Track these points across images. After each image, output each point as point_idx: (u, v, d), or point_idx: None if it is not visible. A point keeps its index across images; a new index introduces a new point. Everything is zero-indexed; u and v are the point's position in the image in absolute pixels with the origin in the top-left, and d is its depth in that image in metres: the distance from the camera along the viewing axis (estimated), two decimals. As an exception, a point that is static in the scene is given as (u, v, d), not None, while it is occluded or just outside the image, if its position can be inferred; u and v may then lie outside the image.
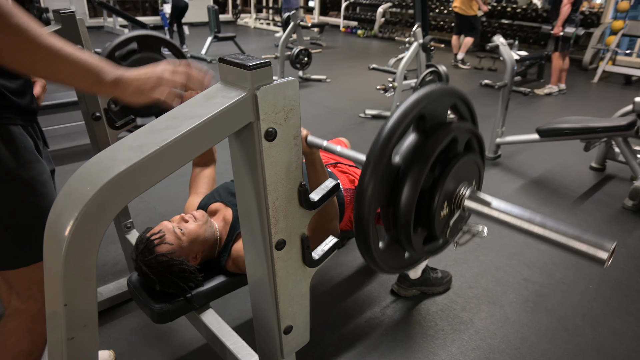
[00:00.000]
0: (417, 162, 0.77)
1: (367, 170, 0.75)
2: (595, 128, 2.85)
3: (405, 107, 0.76)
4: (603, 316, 1.91)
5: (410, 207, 0.77)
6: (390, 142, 0.74)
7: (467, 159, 0.84)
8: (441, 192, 0.80)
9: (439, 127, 0.82)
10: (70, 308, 0.64)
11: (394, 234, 0.84)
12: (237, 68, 0.72)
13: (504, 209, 0.80)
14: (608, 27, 6.90)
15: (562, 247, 0.73)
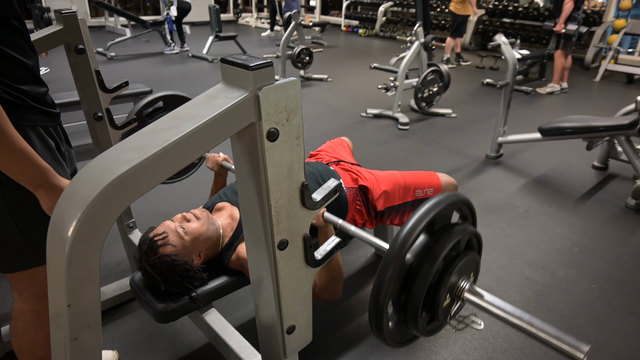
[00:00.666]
0: (427, 262, 0.88)
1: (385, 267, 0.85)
2: (598, 127, 2.84)
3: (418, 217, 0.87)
4: (606, 315, 1.90)
5: (419, 299, 0.88)
6: (405, 246, 0.85)
7: (468, 257, 0.94)
8: (446, 286, 0.90)
9: (446, 228, 0.93)
10: (73, 308, 0.65)
11: (402, 317, 0.94)
12: (239, 68, 0.72)
13: (496, 303, 0.90)
14: (610, 25, 6.88)
15: (546, 344, 0.83)
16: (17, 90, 0.95)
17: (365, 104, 4.93)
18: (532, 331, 0.84)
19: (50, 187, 0.92)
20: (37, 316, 1.18)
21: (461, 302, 0.96)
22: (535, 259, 2.28)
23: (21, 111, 0.95)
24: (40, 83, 1.03)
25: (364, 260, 2.26)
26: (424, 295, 0.88)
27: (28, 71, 0.99)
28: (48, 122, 1.05)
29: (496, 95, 5.34)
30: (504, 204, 2.85)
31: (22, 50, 0.97)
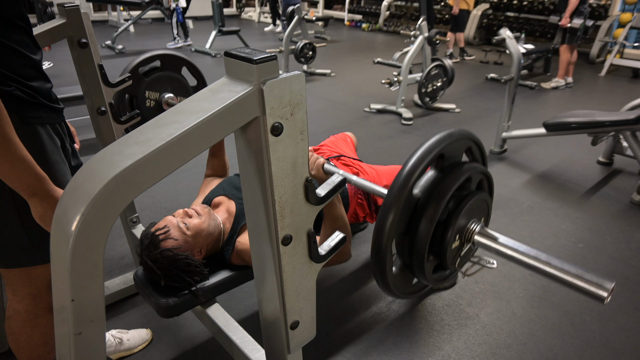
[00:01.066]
0: (436, 197, 0.83)
1: (389, 199, 0.80)
2: (603, 122, 2.82)
3: (428, 145, 0.83)
4: (611, 311, 1.89)
5: (426, 237, 0.83)
6: (412, 177, 0.80)
7: (478, 197, 0.89)
8: (454, 226, 0.85)
9: (456, 166, 0.88)
10: (77, 303, 0.64)
11: (408, 261, 0.89)
12: (243, 62, 0.72)
13: (510, 245, 0.84)
14: (616, 19, 6.82)
15: (565, 284, 0.78)
16: (29, 87, 0.95)
17: (368, 99, 4.91)
18: (551, 271, 0.79)
19: (45, 196, 0.92)
20: (32, 315, 1.18)
21: (471, 246, 0.91)
22: (540, 254, 2.27)
23: (33, 108, 0.96)
24: (46, 79, 1.04)
25: (367, 256, 2.25)
26: (430, 235, 0.83)
27: (35, 68, 0.99)
28: (55, 118, 1.05)
29: (500, 90, 5.31)
30: (508, 200, 2.84)
31: (28, 47, 0.97)
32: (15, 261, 1.09)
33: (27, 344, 1.22)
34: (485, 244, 0.87)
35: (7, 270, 1.12)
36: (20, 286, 1.15)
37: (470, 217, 0.89)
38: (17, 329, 1.20)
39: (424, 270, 0.86)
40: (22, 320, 1.19)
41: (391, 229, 0.79)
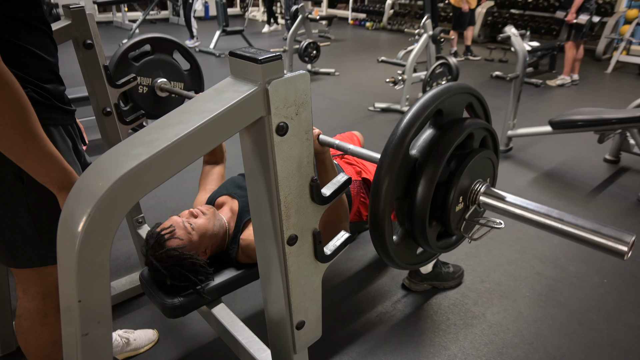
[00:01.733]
0: (435, 155, 0.77)
1: (384, 161, 0.75)
2: (610, 119, 2.79)
3: (424, 100, 0.77)
4: (618, 310, 1.88)
5: (426, 199, 0.77)
6: (409, 134, 0.74)
7: (482, 155, 0.84)
8: (457, 187, 0.80)
9: (456, 122, 0.82)
10: (84, 304, 0.65)
11: (409, 228, 0.84)
12: (248, 62, 0.71)
13: (520, 203, 0.79)
14: (622, 16, 6.76)
15: (581, 241, 0.72)
16: (43, 89, 0.96)
17: (373, 98, 4.90)
18: (565, 228, 0.73)
19: None
20: (41, 315, 1.19)
21: (476, 208, 0.85)
22: (546, 253, 2.26)
23: (47, 110, 0.97)
24: (60, 82, 1.05)
25: (371, 256, 2.25)
26: (431, 196, 0.77)
27: (51, 70, 1.01)
28: (67, 120, 1.07)
29: (505, 88, 5.28)
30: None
31: (47, 49, 0.99)
32: (27, 261, 1.10)
33: (36, 343, 1.22)
34: (491, 204, 0.82)
35: (18, 270, 1.13)
36: (31, 285, 1.16)
37: (474, 177, 0.83)
38: (26, 327, 1.21)
39: (426, 236, 0.81)
40: (31, 319, 1.20)
41: (388, 192, 0.74)
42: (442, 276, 1.98)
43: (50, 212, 1.03)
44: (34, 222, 1.03)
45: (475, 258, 2.22)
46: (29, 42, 0.94)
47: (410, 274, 1.98)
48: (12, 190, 0.98)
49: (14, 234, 1.05)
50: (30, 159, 0.85)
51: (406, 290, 1.98)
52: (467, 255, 2.24)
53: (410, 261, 0.92)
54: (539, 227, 0.77)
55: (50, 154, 0.88)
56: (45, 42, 0.98)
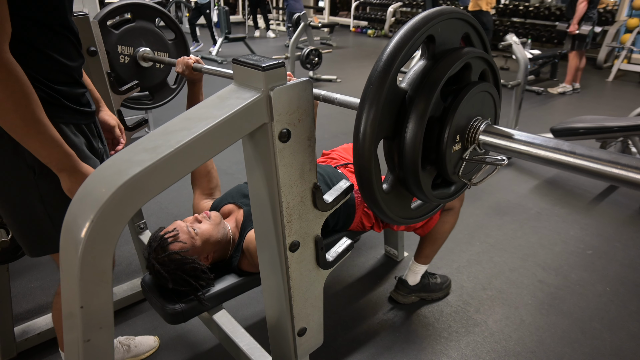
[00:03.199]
0: (426, 86, 0.68)
1: (368, 90, 0.65)
2: (612, 127, 2.80)
3: (413, 22, 0.67)
4: (621, 319, 1.87)
5: (418, 137, 0.68)
6: (396, 60, 0.64)
7: (480, 88, 0.75)
8: (452, 122, 0.70)
9: (450, 51, 0.73)
10: (86, 310, 0.65)
11: (400, 174, 0.74)
12: (251, 69, 0.72)
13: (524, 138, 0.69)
14: (623, 24, 6.78)
15: (598, 175, 0.62)
16: (54, 90, 1.01)
17: (374, 105, 4.91)
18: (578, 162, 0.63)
19: (73, 171, 1.00)
20: None
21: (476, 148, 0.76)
22: (548, 261, 2.25)
23: (55, 109, 1.01)
24: (78, 85, 1.10)
25: (374, 262, 2.24)
26: (423, 133, 0.68)
27: (68, 74, 1.05)
28: (80, 120, 1.10)
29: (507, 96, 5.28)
30: (515, 205, 2.82)
31: (66, 54, 1.03)
32: (43, 249, 1.15)
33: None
34: (492, 143, 0.72)
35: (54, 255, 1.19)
36: None
37: (473, 114, 0.74)
38: (60, 305, 1.27)
39: (420, 182, 0.71)
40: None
41: (373, 128, 0.65)
42: (430, 287, 1.95)
43: (62, 200, 1.07)
44: (46, 210, 1.08)
45: (477, 265, 2.21)
46: (44, 45, 0.97)
47: (397, 286, 1.96)
48: (25, 180, 1.03)
49: (30, 223, 1.10)
50: (32, 142, 0.91)
51: (393, 303, 1.95)
52: (468, 262, 2.23)
53: (405, 214, 0.82)
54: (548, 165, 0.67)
55: (51, 137, 0.93)
56: (64, 47, 1.02)
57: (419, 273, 1.91)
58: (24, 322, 1.71)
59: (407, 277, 1.92)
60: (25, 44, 0.93)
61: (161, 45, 1.76)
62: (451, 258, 2.26)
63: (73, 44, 1.05)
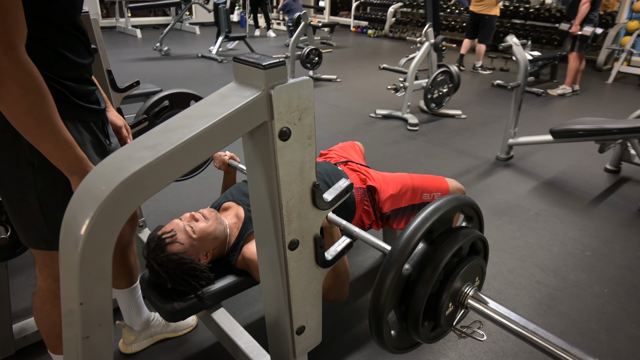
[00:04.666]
0: (427, 270, 0.85)
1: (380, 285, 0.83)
2: (611, 129, 2.80)
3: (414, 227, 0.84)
4: (619, 320, 1.87)
5: (419, 308, 0.86)
6: (402, 258, 0.82)
7: (471, 263, 0.91)
8: (448, 294, 0.88)
9: (446, 235, 0.89)
10: (85, 307, 0.65)
11: (404, 325, 0.93)
12: (252, 67, 0.72)
13: (501, 312, 0.87)
14: (623, 27, 6.79)
15: (551, 356, 0.80)
16: (63, 86, 1.02)
17: (374, 105, 4.92)
18: (537, 341, 0.82)
19: (84, 175, 1.00)
20: (52, 295, 1.25)
21: (465, 309, 0.94)
22: (546, 262, 2.26)
23: (61, 104, 1.02)
24: (88, 83, 1.11)
25: (372, 262, 2.25)
26: (424, 305, 0.87)
27: (78, 71, 1.07)
28: (88, 117, 1.12)
29: (506, 97, 5.30)
30: (514, 206, 2.82)
31: (76, 52, 1.05)
32: (36, 244, 1.16)
33: (46, 322, 1.30)
34: (477, 308, 0.89)
35: (34, 250, 1.19)
36: (45, 266, 1.23)
37: (464, 282, 0.91)
38: (39, 305, 1.29)
39: (419, 334, 0.91)
40: (44, 298, 1.27)
41: (384, 306, 0.85)
42: None
43: (58, 200, 1.08)
44: (41, 207, 1.08)
45: (476, 266, 2.21)
46: (55, 44, 0.99)
47: None
48: (24, 175, 1.04)
49: (25, 217, 1.11)
50: (45, 143, 0.92)
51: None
52: (467, 263, 2.23)
53: (405, 347, 1.00)
54: (515, 336, 0.86)
55: (64, 140, 0.94)
56: (74, 45, 1.05)
57: None
58: (22, 319, 1.71)
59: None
60: (38, 43, 0.95)
61: None
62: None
63: (83, 42, 1.08)
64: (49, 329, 1.32)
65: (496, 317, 0.87)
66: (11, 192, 1.07)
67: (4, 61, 0.81)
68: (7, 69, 0.82)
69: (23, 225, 1.13)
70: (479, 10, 6.43)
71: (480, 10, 6.42)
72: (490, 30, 6.54)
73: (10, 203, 1.10)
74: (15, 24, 0.82)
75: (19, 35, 0.83)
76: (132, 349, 1.66)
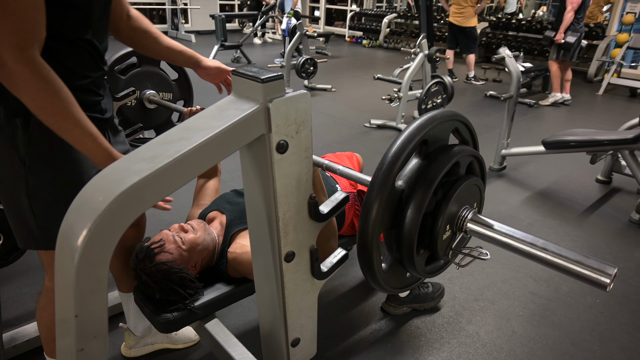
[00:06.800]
0: (421, 187, 0.79)
1: (371, 195, 0.76)
2: (602, 141, 2.84)
3: (408, 133, 0.78)
4: (611, 331, 1.88)
5: (413, 230, 0.79)
6: (394, 168, 0.76)
7: (468, 183, 0.85)
8: (444, 215, 0.81)
9: (442, 150, 0.83)
10: (81, 319, 0.64)
11: (397, 255, 0.85)
12: (250, 80, 0.73)
13: (505, 231, 0.80)
14: (613, 39, 6.91)
15: (564, 271, 0.74)
16: None
17: (368, 115, 4.95)
18: (549, 258, 0.75)
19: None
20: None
21: (463, 235, 0.86)
22: (539, 272, 2.27)
23: None
24: (95, 94, 1.14)
25: (366, 272, 2.25)
26: (418, 227, 0.79)
27: (82, 82, 1.09)
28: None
29: (499, 108, 5.35)
30: (507, 217, 2.84)
31: (83, 65, 1.07)
32: (24, 242, 1.17)
33: (47, 322, 1.32)
34: (478, 231, 0.82)
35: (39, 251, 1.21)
36: (49, 266, 1.25)
37: (461, 204, 0.84)
38: (43, 304, 1.31)
39: (414, 264, 0.82)
40: (48, 297, 1.30)
41: (375, 225, 0.76)
42: (421, 297, 1.95)
43: (48, 201, 1.09)
44: (30, 205, 1.09)
45: (469, 276, 2.22)
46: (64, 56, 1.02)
47: (389, 298, 1.95)
48: (17, 171, 1.05)
49: (16, 214, 1.12)
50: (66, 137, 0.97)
51: (385, 314, 1.95)
52: (461, 272, 2.24)
53: (399, 285, 0.93)
54: (523, 256, 0.78)
55: (84, 133, 0.97)
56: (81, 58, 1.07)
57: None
58: (12, 328, 1.69)
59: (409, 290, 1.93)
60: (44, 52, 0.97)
61: (166, 85, 1.81)
62: (444, 268, 2.27)
63: (92, 56, 1.10)
64: (49, 330, 1.33)
65: (500, 238, 0.79)
66: (7, 187, 1.09)
67: (11, 62, 0.84)
68: (17, 70, 0.85)
69: (14, 222, 1.15)
70: (458, 22, 6.51)
71: (459, 22, 6.50)
72: (474, 40, 6.66)
73: (5, 198, 1.12)
74: (30, 27, 0.85)
75: (33, 37, 0.86)
76: (131, 353, 1.66)
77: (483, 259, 0.85)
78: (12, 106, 0.99)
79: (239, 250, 1.38)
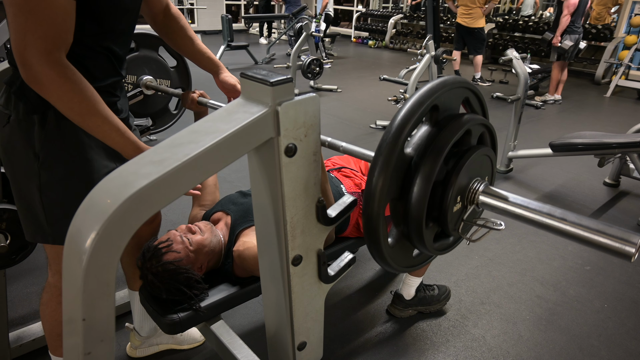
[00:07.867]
0: (431, 154, 0.74)
1: (378, 160, 0.72)
2: (610, 144, 2.81)
3: (419, 96, 0.74)
4: (619, 337, 1.87)
5: (422, 199, 0.74)
6: (403, 132, 0.71)
7: (480, 153, 0.80)
8: (454, 186, 0.76)
9: (452, 118, 0.79)
10: (88, 323, 0.64)
11: (404, 229, 0.80)
12: (259, 83, 0.73)
13: (520, 202, 0.75)
14: (621, 41, 6.86)
15: (586, 242, 0.69)
16: None
17: (374, 116, 4.94)
18: (568, 229, 0.70)
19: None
20: (59, 292, 1.28)
21: (475, 208, 0.82)
22: (546, 276, 2.25)
23: None
24: (112, 95, 1.18)
25: (372, 274, 2.24)
26: (428, 197, 0.74)
27: (103, 85, 1.12)
28: None
29: (506, 109, 5.32)
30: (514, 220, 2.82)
31: (100, 68, 1.11)
32: (32, 235, 1.19)
33: (50, 318, 1.34)
34: (490, 204, 0.77)
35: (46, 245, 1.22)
36: (53, 262, 1.28)
37: (473, 176, 0.80)
38: (46, 300, 1.34)
39: (423, 238, 0.77)
40: (50, 294, 1.32)
41: (382, 193, 0.71)
42: (427, 300, 1.94)
43: (58, 195, 1.12)
44: (41, 199, 1.11)
45: (475, 279, 2.21)
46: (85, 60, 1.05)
47: (394, 301, 1.94)
48: (31, 165, 1.09)
49: (27, 206, 1.15)
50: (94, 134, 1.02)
51: (391, 317, 1.94)
52: (467, 276, 2.23)
53: (407, 264, 0.88)
54: (540, 228, 0.73)
55: (111, 129, 1.02)
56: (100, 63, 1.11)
57: (413, 286, 1.90)
58: (19, 327, 1.70)
59: (402, 291, 1.92)
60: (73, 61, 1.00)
61: (163, 72, 1.78)
62: (450, 271, 2.26)
63: (111, 61, 1.13)
64: (52, 326, 1.35)
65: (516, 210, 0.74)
66: (20, 180, 1.13)
67: (38, 65, 0.88)
68: (44, 73, 0.89)
69: (23, 215, 1.17)
70: (466, 23, 6.49)
71: (468, 22, 6.48)
72: (482, 41, 6.64)
73: (17, 191, 1.15)
74: (58, 33, 0.90)
75: (60, 42, 0.91)
76: (137, 353, 1.66)
77: (497, 229, 0.81)
78: (32, 103, 1.03)
79: (243, 246, 1.38)
